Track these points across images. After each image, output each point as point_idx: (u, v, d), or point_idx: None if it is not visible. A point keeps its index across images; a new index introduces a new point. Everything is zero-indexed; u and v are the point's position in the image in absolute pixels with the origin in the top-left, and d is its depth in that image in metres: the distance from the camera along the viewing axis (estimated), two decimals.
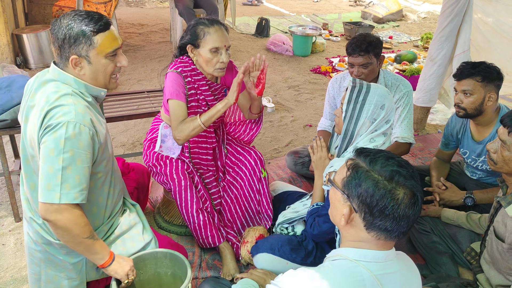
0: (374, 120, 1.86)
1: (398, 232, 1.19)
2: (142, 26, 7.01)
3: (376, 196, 1.15)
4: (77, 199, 1.58)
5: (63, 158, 1.53)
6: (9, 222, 2.62)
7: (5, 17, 4.61)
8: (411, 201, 1.16)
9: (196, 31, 2.16)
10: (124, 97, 3.06)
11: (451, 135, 2.65)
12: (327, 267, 1.23)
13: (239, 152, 2.48)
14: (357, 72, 2.55)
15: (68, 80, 1.67)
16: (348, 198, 1.21)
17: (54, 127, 1.54)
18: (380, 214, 1.16)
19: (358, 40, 2.52)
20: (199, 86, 2.28)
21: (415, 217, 1.19)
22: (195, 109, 2.29)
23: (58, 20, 1.64)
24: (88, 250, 1.70)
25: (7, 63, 4.62)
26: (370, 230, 1.20)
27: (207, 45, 2.14)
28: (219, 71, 2.21)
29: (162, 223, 2.60)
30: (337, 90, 2.87)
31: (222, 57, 2.17)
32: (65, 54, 1.65)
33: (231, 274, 2.22)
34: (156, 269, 2.00)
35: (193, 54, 2.22)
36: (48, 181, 1.54)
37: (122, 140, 3.63)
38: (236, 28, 7.28)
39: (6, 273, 2.26)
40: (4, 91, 2.40)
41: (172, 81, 2.22)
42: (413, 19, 8.65)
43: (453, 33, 3.46)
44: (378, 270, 1.21)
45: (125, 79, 4.85)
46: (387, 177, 1.17)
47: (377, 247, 1.23)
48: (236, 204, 2.43)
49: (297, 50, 6.06)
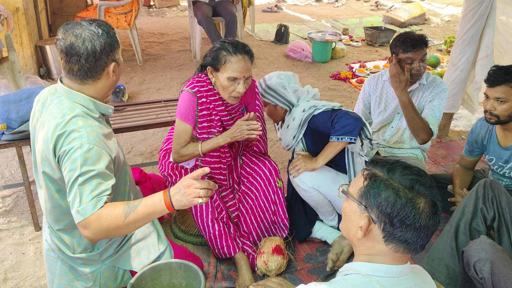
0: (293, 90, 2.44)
1: (417, 244, 1.15)
2: (163, 35, 7.09)
3: (398, 205, 1.12)
4: (97, 206, 1.54)
5: (80, 177, 1.55)
6: (29, 231, 2.66)
7: (29, 29, 4.73)
8: (431, 211, 1.13)
9: (219, 56, 2.11)
10: (142, 107, 3.09)
11: (476, 142, 2.57)
12: (339, 282, 1.20)
13: (254, 162, 2.46)
14: (417, 66, 2.59)
15: (77, 98, 1.66)
16: (366, 208, 1.18)
17: (69, 150, 1.56)
18: (401, 224, 1.12)
19: (411, 37, 2.56)
20: (215, 106, 2.25)
21: (435, 228, 1.15)
22: (206, 129, 2.27)
23: (77, 38, 1.58)
24: (139, 221, 1.56)
25: (30, 74, 4.73)
26: (389, 242, 1.16)
27: (226, 72, 2.10)
28: (233, 99, 2.19)
29: (178, 233, 2.60)
30: (373, 87, 2.88)
31: (239, 87, 2.12)
32: (101, 66, 1.63)
33: (247, 285, 2.20)
34: (171, 280, 1.99)
35: (212, 76, 2.19)
36: (74, 202, 1.55)
37: (140, 149, 3.66)
38: (255, 35, 7.29)
39: (25, 282, 2.29)
40: (24, 103, 2.46)
41: (184, 101, 2.21)
42: (436, 23, 8.49)
43: (476, 37, 3.37)
44: (391, 286, 1.17)
45: (145, 88, 4.90)
46: (408, 185, 1.14)
47: (392, 261, 1.19)
48: (252, 215, 2.41)
49: (317, 56, 6.02)
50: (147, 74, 5.35)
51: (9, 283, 2.28)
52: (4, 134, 2.44)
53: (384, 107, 2.84)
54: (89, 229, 1.56)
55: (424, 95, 2.71)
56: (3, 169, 3.31)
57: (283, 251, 2.33)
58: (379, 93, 2.85)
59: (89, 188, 1.56)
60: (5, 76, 3.61)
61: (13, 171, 3.29)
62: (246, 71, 2.10)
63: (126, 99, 4.49)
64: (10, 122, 2.42)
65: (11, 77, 3.62)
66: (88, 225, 1.55)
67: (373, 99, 2.89)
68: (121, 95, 4.36)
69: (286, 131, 2.46)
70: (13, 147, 2.58)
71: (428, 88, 2.70)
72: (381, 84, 2.84)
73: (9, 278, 2.31)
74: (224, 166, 2.38)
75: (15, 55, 3.66)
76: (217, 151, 2.32)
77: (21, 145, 2.47)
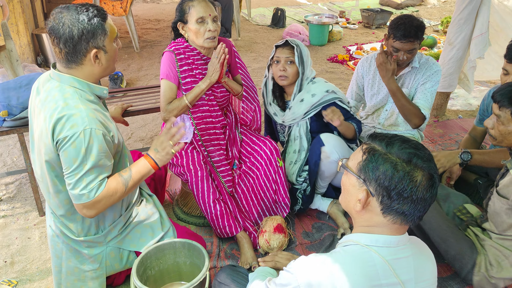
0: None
1: (415, 216, 1.18)
2: (159, 22, 7.06)
3: (395, 178, 1.14)
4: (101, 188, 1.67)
5: (86, 164, 1.61)
6: (34, 216, 2.70)
7: (24, 17, 4.71)
8: (428, 183, 1.15)
9: (182, 7, 2.26)
10: (141, 92, 3.10)
11: (487, 110, 2.55)
12: (339, 252, 1.23)
13: (255, 142, 2.49)
14: (402, 57, 2.55)
15: (71, 81, 1.67)
16: (364, 182, 1.20)
17: (71, 137, 1.58)
18: (399, 197, 1.15)
19: (407, 26, 2.47)
20: (194, 61, 2.35)
21: (432, 200, 1.18)
22: (191, 84, 2.35)
23: (58, 22, 1.59)
24: (134, 187, 1.77)
25: (28, 62, 4.73)
26: (387, 214, 1.19)
27: (193, 17, 2.23)
28: (209, 41, 2.28)
29: (181, 215, 2.64)
30: (366, 69, 2.86)
31: (209, 26, 2.24)
32: (82, 52, 1.63)
33: (249, 263, 2.24)
34: (175, 259, 2.03)
35: (184, 31, 2.32)
36: (77, 185, 1.63)
37: (140, 135, 3.68)
38: (251, 19, 7.26)
39: (32, 265, 2.34)
40: (24, 89, 2.47)
41: (164, 61, 2.33)
42: (433, 4, 8.46)
43: (472, 16, 3.37)
44: (390, 255, 1.21)
45: (143, 75, 4.91)
46: (405, 159, 1.16)
47: (390, 232, 1.22)
48: (253, 194, 2.45)
49: (314, 40, 6.01)
50: (144, 60, 5.34)
51: (16, 267, 2.33)
52: (6, 121, 2.46)
53: (377, 89, 2.83)
54: (94, 209, 1.68)
55: (417, 77, 2.69)
56: (5, 157, 3.34)
57: (285, 230, 2.37)
58: (372, 76, 2.83)
59: (95, 172, 1.63)
60: (3, 65, 3.61)
61: (15, 158, 3.32)
62: (211, 10, 2.25)
63: (125, 85, 4.50)
64: (11, 108, 2.43)
65: (9, 65, 3.62)
66: (94, 205, 1.67)
67: (366, 81, 2.87)
68: (119, 81, 4.37)
69: (299, 104, 2.48)
70: (15, 134, 2.60)
71: (421, 71, 2.68)
72: (374, 66, 2.82)
73: (16, 262, 2.36)
74: (218, 125, 2.43)
75: (12, 44, 3.65)
76: (206, 105, 2.39)
77: (22, 131, 2.49)
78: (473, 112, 4.08)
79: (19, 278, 2.26)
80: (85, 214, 1.70)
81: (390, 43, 2.57)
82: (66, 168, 1.62)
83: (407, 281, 1.22)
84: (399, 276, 1.20)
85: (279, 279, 1.27)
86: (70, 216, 1.83)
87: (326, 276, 1.16)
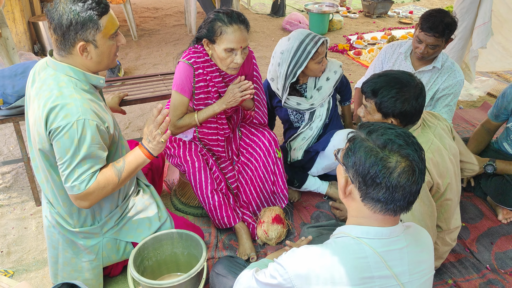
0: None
1: (395, 205, 1.16)
2: (157, 10, 6.98)
3: (367, 163, 1.14)
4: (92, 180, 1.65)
5: (79, 155, 1.59)
6: (31, 206, 2.68)
7: (21, 5, 4.65)
8: (404, 170, 1.13)
9: (214, 27, 2.05)
10: (139, 81, 3.06)
11: (505, 108, 2.51)
12: (330, 244, 1.22)
13: (253, 133, 2.46)
14: (423, 50, 2.48)
15: (67, 70, 1.64)
16: (346, 169, 1.21)
17: (64, 127, 1.55)
18: (372, 182, 1.14)
19: (436, 20, 2.40)
20: (212, 78, 2.23)
21: (411, 189, 1.15)
22: (203, 100, 2.26)
23: (54, 6, 1.57)
24: (128, 177, 1.76)
25: (24, 51, 4.67)
26: (366, 202, 1.18)
27: (222, 44, 2.05)
28: (232, 70, 2.15)
29: (179, 205, 2.62)
30: (389, 56, 2.82)
31: (237, 58, 2.08)
32: (70, 41, 1.59)
33: (247, 254, 2.23)
34: (173, 249, 2.02)
35: (208, 48, 2.14)
36: (69, 177, 1.62)
37: (139, 125, 3.65)
38: (251, 8, 7.19)
39: (28, 255, 2.32)
40: (20, 77, 2.43)
41: (181, 73, 2.18)
42: None
43: (474, 5, 3.32)
44: (382, 247, 1.19)
45: (141, 64, 4.86)
46: (380, 145, 1.15)
47: (378, 223, 1.21)
48: (251, 185, 2.42)
49: (314, 29, 5.95)
50: (142, 49, 5.29)
51: (12, 257, 2.31)
52: (1, 110, 2.42)
53: None
54: (87, 200, 1.67)
55: (437, 80, 2.61)
56: (1, 146, 3.31)
57: (283, 220, 2.36)
58: (392, 64, 2.77)
59: (88, 164, 1.62)
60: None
61: (11, 148, 3.29)
62: (243, 41, 2.06)
63: (122, 74, 4.46)
64: (6, 97, 2.40)
65: (5, 53, 3.57)
66: (86, 197, 1.66)
67: (385, 68, 2.80)
68: (117, 70, 4.32)
69: (326, 83, 2.54)
70: (11, 123, 2.57)
71: (443, 75, 2.59)
72: (396, 55, 2.75)
73: (12, 252, 2.34)
74: (222, 138, 2.38)
75: (8, 32, 3.60)
76: (214, 123, 2.32)
77: (18, 120, 2.46)
78: (474, 102, 4.04)
79: (15, 268, 2.24)
80: (79, 205, 1.70)
81: (416, 33, 2.51)
82: (59, 159, 1.61)
83: (401, 274, 1.21)
84: (391, 268, 1.19)
85: (269, 270, 1.26)
86: (66, 207, 1.81)
87: (317, 268, 1.16)
